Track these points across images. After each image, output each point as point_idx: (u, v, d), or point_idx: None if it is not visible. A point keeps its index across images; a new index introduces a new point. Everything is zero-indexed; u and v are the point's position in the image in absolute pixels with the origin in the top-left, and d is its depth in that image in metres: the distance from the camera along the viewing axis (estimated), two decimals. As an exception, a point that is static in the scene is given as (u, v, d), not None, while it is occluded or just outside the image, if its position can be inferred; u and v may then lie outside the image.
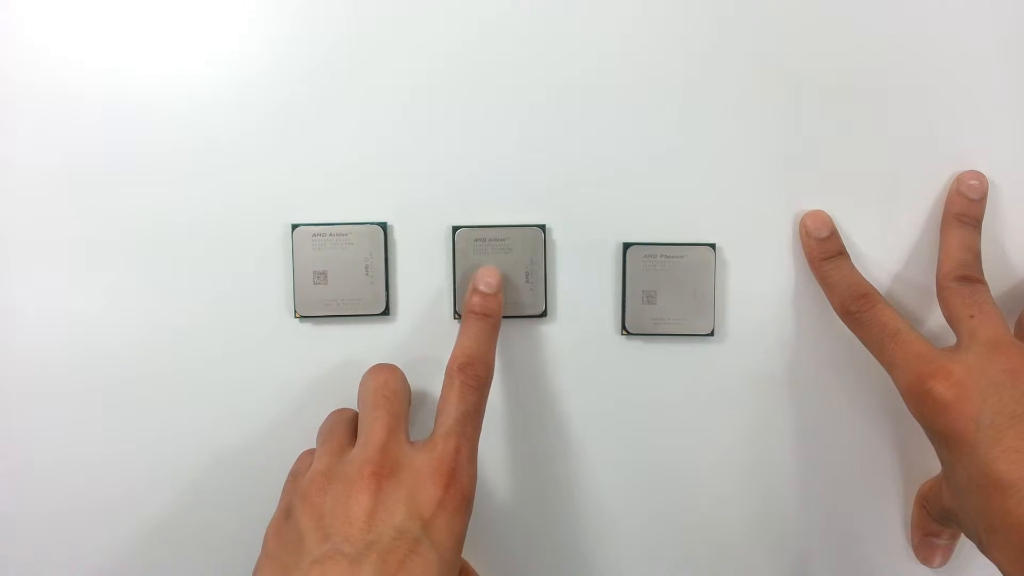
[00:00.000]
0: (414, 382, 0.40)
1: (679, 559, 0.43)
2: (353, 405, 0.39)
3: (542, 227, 0.41)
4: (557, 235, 0.42)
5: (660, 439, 0.43)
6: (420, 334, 0.42)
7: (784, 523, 0.43)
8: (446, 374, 0.37)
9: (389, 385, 0.37)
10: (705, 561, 0.43)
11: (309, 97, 0.41)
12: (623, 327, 0.42)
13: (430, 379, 0.42)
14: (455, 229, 0.41)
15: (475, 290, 0.39)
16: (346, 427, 0.38)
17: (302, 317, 0.41)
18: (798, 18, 0.41)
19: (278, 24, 0.41)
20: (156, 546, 0.42)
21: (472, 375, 0.37)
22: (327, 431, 0.38)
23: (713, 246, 0.41)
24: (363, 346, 0.41)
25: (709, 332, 0.41)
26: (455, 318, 0.42)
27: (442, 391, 0.37)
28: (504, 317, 0.40)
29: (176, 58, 0.41)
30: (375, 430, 0.35)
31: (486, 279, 0.39)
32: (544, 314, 0.42)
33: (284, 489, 0.38)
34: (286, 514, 0.35)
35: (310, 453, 0.38)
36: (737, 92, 0.41)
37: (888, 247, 0.42)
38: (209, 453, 0.42)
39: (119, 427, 0.42)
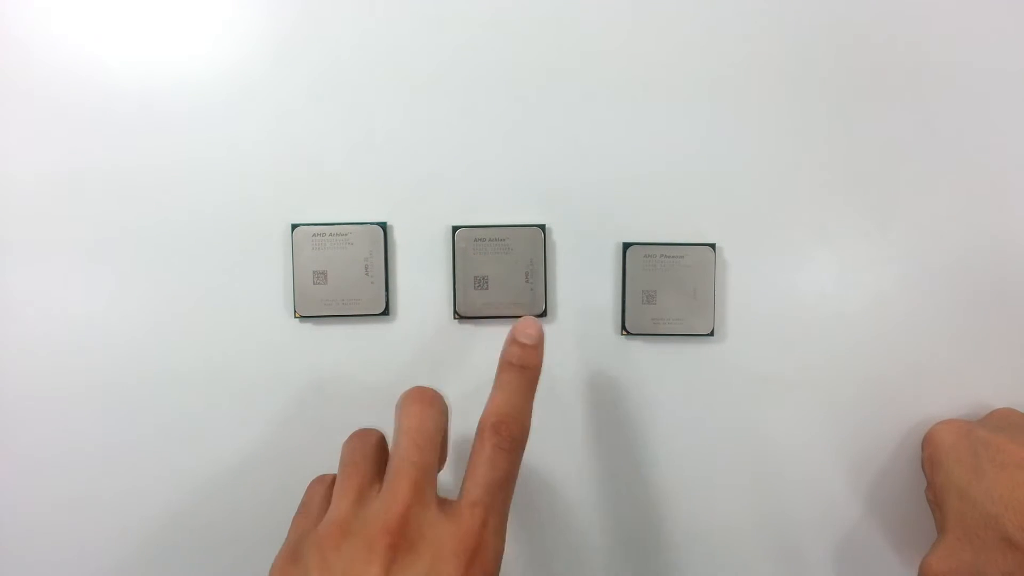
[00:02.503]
0: (413, 383, 0.40)
1: (679, 558, 0.43)
2: (354, 402, 0.39)
3: (542, 227, 0.41)
4: (557, 235, 0.42)
5: (660, 439, 0.43)
6: (420, 334, 0.42)
7: (784, 523, 0.43)
8: (477, 431, 0.34)
9: (425, 430, 0.33)
10: (705, 561, 0.43)
11: (309, 97, 0.41)
12: (623, 327, 0.42)
13: (429, 380, 0.42)
14: (455, 229, 0.41)
15: (514, 341, 0.36)
16: (371, 462, 0.35)
17: (302, 317, 0.41)
18: (798, 18, 0.41)
19: (279, 25, 0.41)
20: (156, 545, 0.42)
21: (507, 436, 0.34)
22: (350, 462, 0.35)
23: (713, 246, 0.41)
24: (363, 346, 0.41)
25: (709, 332, 0.41)
26: (455, 318, 0.42)
27: (472, 449, 0.34)
28: (504, 317, 0.40)
29: (176, 58, 0.41)
30: (401, 488, 0.32)
31: (527, 331, 0.36)
32: (544, 314, 0.42)
33: (293, 523, 0.35)
34: (294, 556, 0.33)
35: (321, 482, 0.36)
36: (737, 92, 0.41)
37: (888, 247, 0.42)
38: (209, 453, 0.42)
39: (119, 427, 0.42)
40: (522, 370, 0.35)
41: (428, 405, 0.34)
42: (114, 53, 0.40)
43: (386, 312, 0.41)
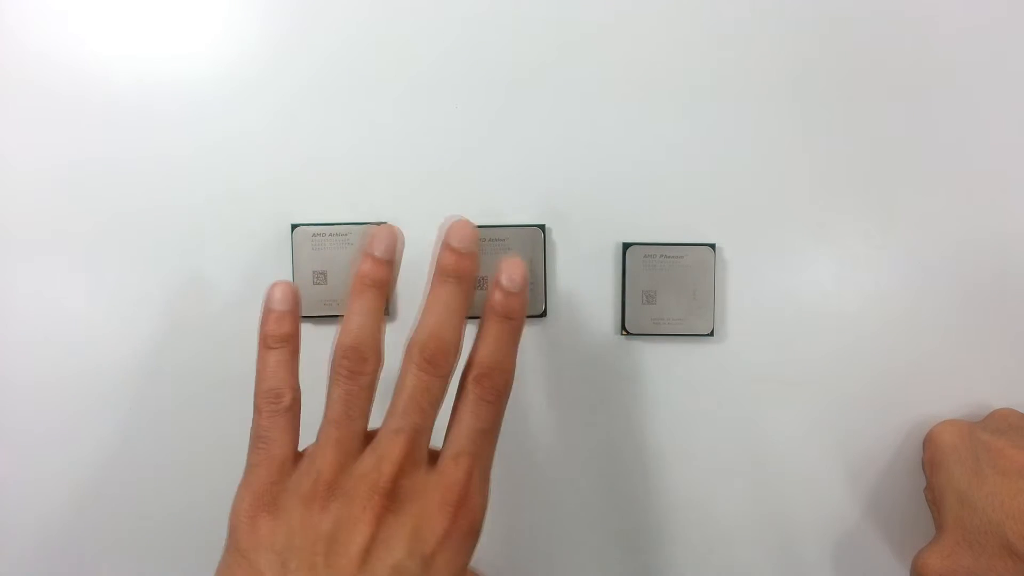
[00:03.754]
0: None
1: (678, 558, 0.43)
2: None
3: (542, 227, 0.41)
4: (557, 235, 0.42)
5: (660, 439, 0.43)
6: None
7: (784, 522, 0.43)
8: (460, 383, 0.34)
9: (431, 392, 0.33)
10: (705, 560, 0.43)
11: (309, 97, 0.41)
12: (623, 327, 0.42)
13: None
14: (455, 229, 0.41)
15: (497, 286, 0.34)
16: (364, 418, 0.33)
17: (302, 317, 0.41)
18: (798, 18, 0.41)
19: (278, 25, 0.41)
20: (155, 544, 0.42)
21: (489, 387, 0.33)
22: (343, 415, 0.33)
23: (713, 246, 0.41)
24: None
25: (709, 332, 0.41)
26: (455, 318, 0.41)
27: (456, 400, 0.33)
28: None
29: (177, 57, 0.41)
30: (396, 449, 0.31)
31: (510, 273, 0.33)
32: (544, 314, 0.42)
33: (255, 456, 0.33)
34: (270, 507, 0.32)
35: (275, 402, 0.33)
36: (737, 92, 0.41)
37: (888, 247, 0.42)
38: (209, 452, 0.42)
39: (119, 426, 0.42)
40: (506, 319, 0.34)
41: (434, 373, 0.33)
42: (114, 52, 0.40)
43: (386, 312, 0.41)
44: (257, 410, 0.34)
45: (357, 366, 0.33)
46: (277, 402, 0.33)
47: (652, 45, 0.41)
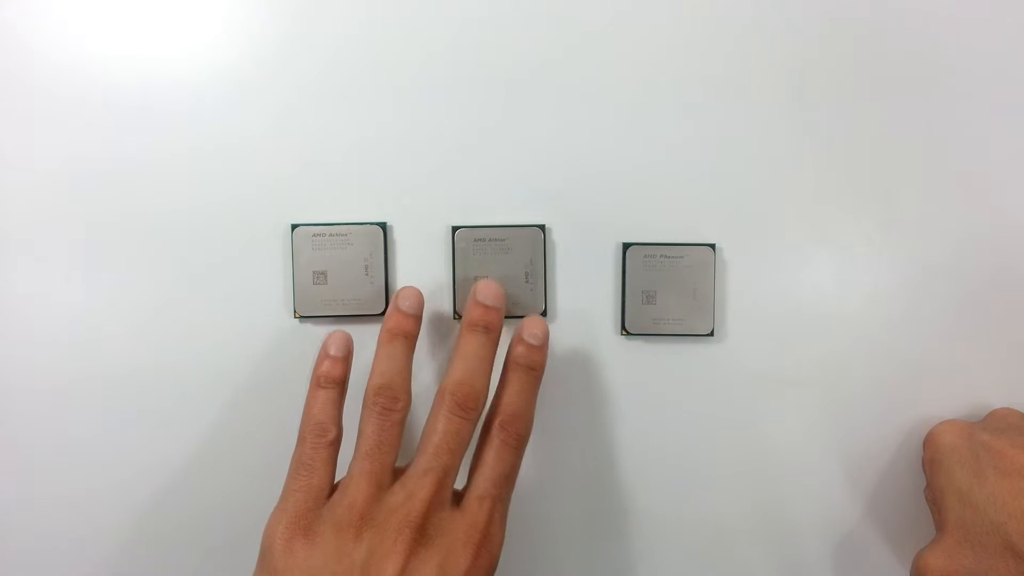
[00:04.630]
0: (413, 383, 0.40)
1: (678, 558, 0.43)
2: (354, 403, 0.39)
3: (542, 227, 0.41)
4: (557, 235, 0.42)
5: (659, 439, 0.43)
6: (420, 334, 0.42)
7: (784, 522, 0.43)
8: (485, 427, 0.37)
9: (461, 435, 0.35)
10: (705, 560, 0.43)
11: (309, 97, 0.41)
12: (623, 327, 0.42)
13: (429, 379, 0.42)
14: (455, 229, 0.41)
15: (521, 341, 0.37)
16: (394, 451, 0.36)
17: (302, 317, 0.41)
18: (799, 18, 0.41)
19: (278, 24, 0.41)
20: (154, 544, 0.42)
21: (513, 433, 0.36)
22: (375, 445, 0.35)
23: (713, 246, 0.41)
24: (363, 346, 0.41)
25: (709, 332, 0.41)
26: (455, 318, 0.42)
27: (479, 444, 0.37)
28: (504, 317, 0.40)
29: (176, 59, 0.41)
30: (426, 486, 0.34)
31: (533, 331, 0.38)
32: (544, 314, 0.42)
33: (293, 481, 0.36)
34: (306, 530, 0.34)
35: (321, 437, 0.36)
36: (737, 92, 0.41)
37: (888, 247, 0.42)
38: (209, 452, 0.42)
39: (119, 426, 0.42)
40: (528, 370, 0.37)
41: (464, 418, 0.36)
42: (114, 51, 0.40)
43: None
44: (302, 440, 0.36)
45: (390, 403, 0.36)
46: (323, 436, 0.36)
47: (652, 45, 0.41)
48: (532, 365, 0.37)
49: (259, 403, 0.42)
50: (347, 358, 0.38)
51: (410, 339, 0.38)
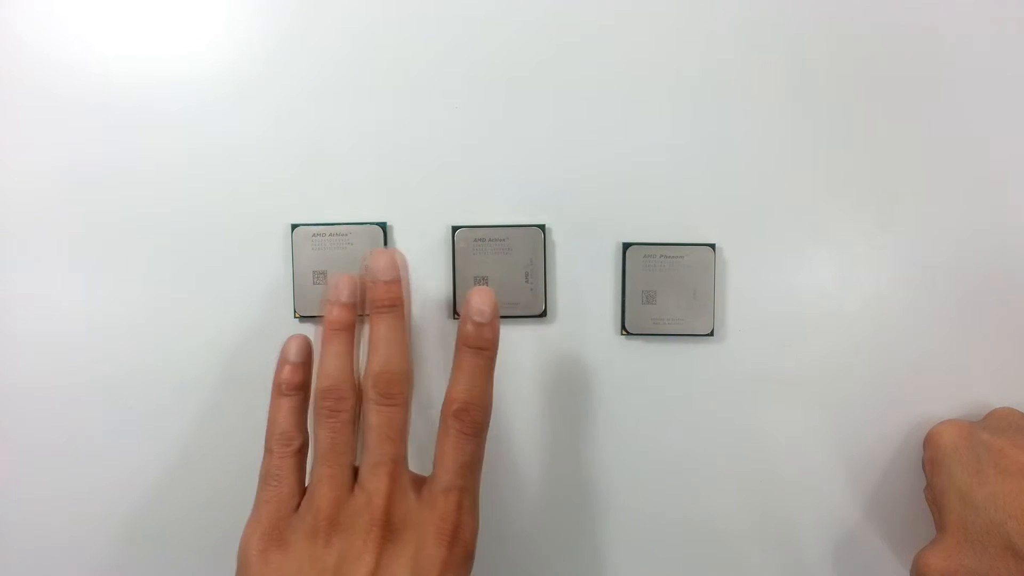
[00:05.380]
0: (414, 383, 0.40)
1: (678, 558, 0.43)
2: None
3: (542, 227, 0.41)
4: (557, 235, 0.42)
5: (660, 439, 0.43)
6: (419, 334, 0.42)
7: (784, 522, 0.43)
8: (441, 417, 0.36)
9: (394, 422, 0.35)
10: (705, 561, 0.43)
11: (309, 97, 0.41)
12: (623, 327, 0.42)
13: (430, 380, 0.42)
14: (455, 229, 0.41)
15: (467, 319, 0.35)
16: (351, 451, 0.36)
17: (302, 317, 0.41)
18: (798, 18, 0.41)
19: (278, 24, 0.41)
20: (154, 544, 0.42)
21: (468, 421, 0.35)
22: (331, 448, 0.35)
23: (713, 246, 0.41)
24: (363, 346, 0.41)
25: (709, 332, 0.41)
26: (455, 318, 0.42)
27: (438, 435, 0.36)
28: (504, 317, 0.40)
29: (176, 59, 0.41)
30: (381, 481, 0.34)
31: (478, 305, 0.35)
32: (544, 314, 0.42)
33: (264, 495, 0.36)
34: (279, 542, 0.34)
35: (286, 446, 0.36)
36: (737, 92, 0.41)
37: (888, 247, 0.42)
38: (208, 452, 0.42)
39: (119, 426, 0.42)
40: (479, 351, 0.35)
41: (393, 406, 0.35)
42: (114, 51, 0.40)
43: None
44: (268, 451, 0.36)
45: (337, 404, 0.36)
46: (288, 445, 0.36)
47: (652, 45, 0.41)
48: (482, 344, 0.35)
49: (259, 403, 0.42)
50: (307, 362, 0.38)
51: (350, 331, 0.37)
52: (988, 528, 0.35)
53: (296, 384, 0.37)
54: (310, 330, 0.42)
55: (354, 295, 0.37)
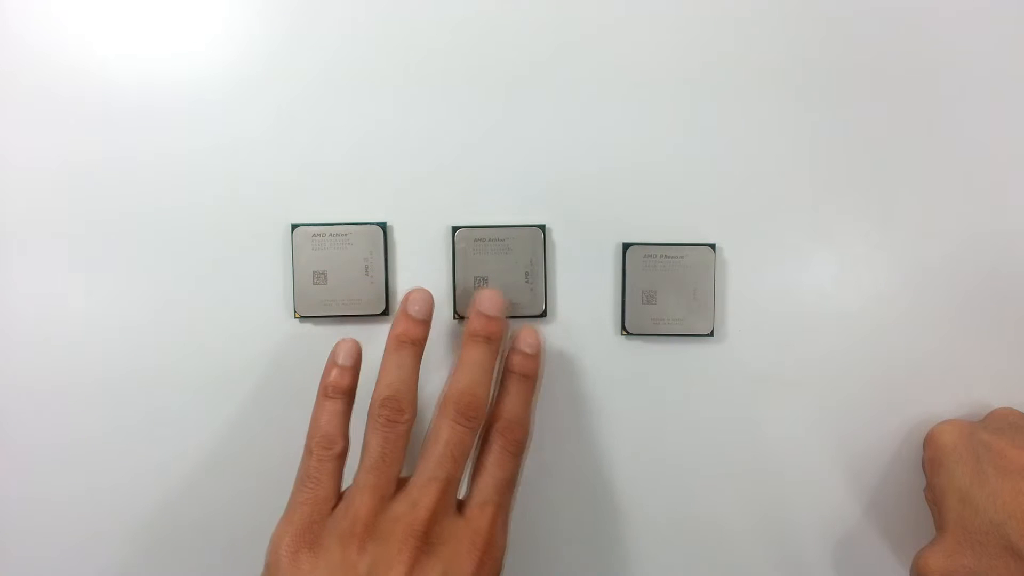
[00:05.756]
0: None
1: (678, 558, 0.43)
2: (355, 403, 0.39)
3: (542, 227, 0.41)
4: (557, 235, 0.42)
5: (659, 439, 0.43)
6: (420, 334, 0.42)
7: (783, 523, 0.43)
8: (484, 435, 0.37)
9: (464, 444, 0.36)
10: (705, 560, 0.43)
11: (309, 97, 0.41)
12: (623, 327, 0.42)
13: (429, 381, 0.42)
14: (455, 229, 0.41)
15: (516, 350, 0.38)
16: (398, 464, 0.36)
17: (302, 317, 0.41)
18: (798, 18, 0.41)
19: (278, 24, 0.41)
20: (153, 544, 0.42)
21: (511, 440, 0.37)
22: (379, 457, 0.35)
23: (713, 246, 0.41)
24: (363, 347, 0.41)
25: (709, 332, 0.41)
26: (455, 318, 0.42)
27: (480, 452, 0.37)
28: (505, 326, 0.40)
29: (176, 58, 0.41)
30: (430, 495, 0.34)
31: (528, 340, 0.38)
32: (544, 314, 0.42)
33: (300, 494, 0.35)
34: (312, 542, 0.34)
35: (328, 449, 0.36)
36: (737, 92, 0.41)
37: (888, 246, 0.42)
38: (208, 452, 0.42)
39: (119, 426, 0.42)
40: (524, 378, 0.38)
41: (467, 428, 0.36)
42: (114, 51, 0.40)
43: (386, 312, 0.41)
44: (308, 452, 0.36)
45: (395, 415, 0.36)
46: (330, 448, 0.36)
47: (652, 45, 0.41)
48: (528, 373, 0.38)
49: (259, 403, 0.42)
50: (355, 367, 0.38)
51: (418, 346, 0.37)
52: (987, 528, 0.35)
53: (343, 388, 0.37)
54: (310, 330, 0.42)
55: (428, 314, 0.38)
